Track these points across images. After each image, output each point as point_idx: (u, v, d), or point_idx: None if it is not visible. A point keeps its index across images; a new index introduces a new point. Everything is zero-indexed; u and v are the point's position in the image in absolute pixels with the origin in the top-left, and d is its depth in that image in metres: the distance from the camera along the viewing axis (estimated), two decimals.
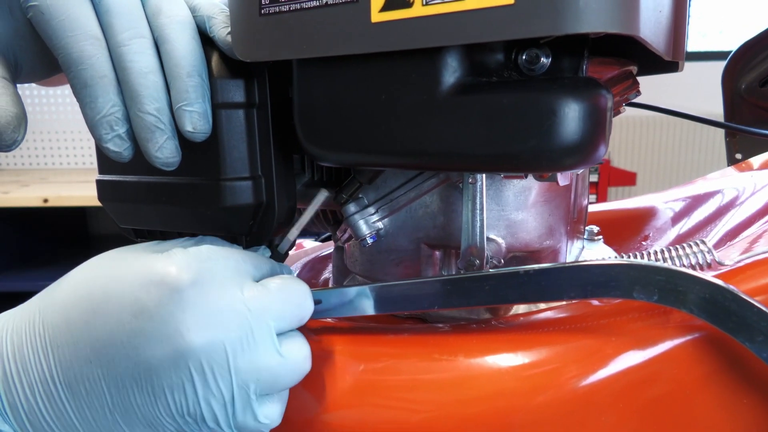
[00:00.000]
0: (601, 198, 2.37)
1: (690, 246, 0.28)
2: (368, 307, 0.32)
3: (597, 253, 0.51)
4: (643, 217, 0.58)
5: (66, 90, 2.39)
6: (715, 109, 0.64)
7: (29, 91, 2.38)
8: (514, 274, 0.28)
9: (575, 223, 0.47)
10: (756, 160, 0.55)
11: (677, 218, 0.55)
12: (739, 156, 0.61)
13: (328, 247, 0.63)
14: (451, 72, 0.27)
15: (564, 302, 0.33)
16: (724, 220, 0.48)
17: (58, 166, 2.53)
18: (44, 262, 2.17)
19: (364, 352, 0.34)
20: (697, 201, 0.54)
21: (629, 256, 0.52)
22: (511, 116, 0.25)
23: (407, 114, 0.28)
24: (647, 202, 0.59)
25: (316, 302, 0.35)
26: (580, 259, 0.49)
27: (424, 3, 0.25)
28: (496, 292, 0.29)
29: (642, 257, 0.29)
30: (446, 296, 0.30)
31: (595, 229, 0.54)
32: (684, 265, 0.28)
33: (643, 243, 0.56)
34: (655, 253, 0.29)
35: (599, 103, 0.26)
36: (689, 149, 2.65)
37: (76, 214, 2.46)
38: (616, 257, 0.31)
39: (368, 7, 0.26)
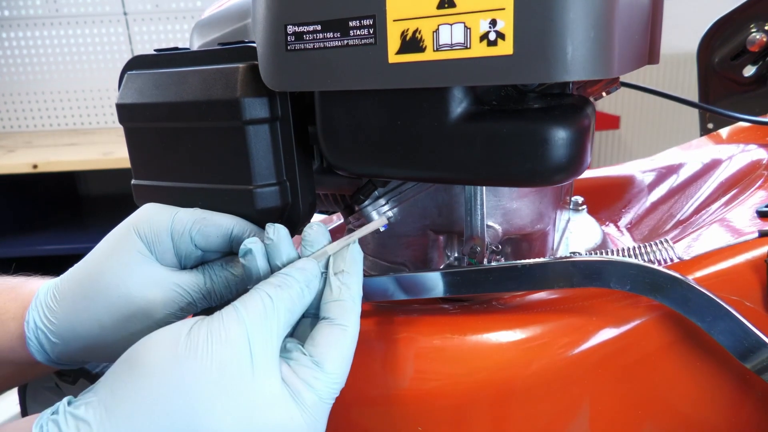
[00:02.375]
0: None
1: (657, 244, 0.34)
2: (391, 294, 0.37)
3: (581, 223, 0.57)
4: (623, 185, 0.64)
5: (41, 49, 2.33)
6: (692, 46, 0.66)
7: (9, 50, 2.32)
8: (513, 268, 0.34)
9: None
10: (724, 131, 0.60)
11: (652, 186, 0.61)
12: (710, 126, 0.66)
13: (336, 221, 0.68)
14: (457, 102, 0.31)
15: None
16: (691, 192, 0.54)
17: (40, 128, 2.50)
18: (38, 227, 2.19)
19: (382, 330, 0.39)
20: (669, 171, 0.60)
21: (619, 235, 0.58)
22: (510, 143, 0.30)
23: (420, 138, 0.32)
24: (626, 170, 0.65)
25: None
26: (566, 231, 0.54)
27: (435, 49, 0.29)
28: (498, 282, 0.34)
29: (618, 253, 0.35)
30: (457, 285, 0.35)
31: (580, 199, 0.60)
32: (652, 260, 0.33)
33: (623, 210, 0.62)
34: (629, 249, 0.35)
35: (583, 125, 0.31)
36: (671, 90, 2.67)
37: (65, 177, 2.46)
38: (594, 253, 0.37)
39: (386, 50, 0.30)
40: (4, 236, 2.06)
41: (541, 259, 0.34)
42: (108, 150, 1.98)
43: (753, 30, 0.59)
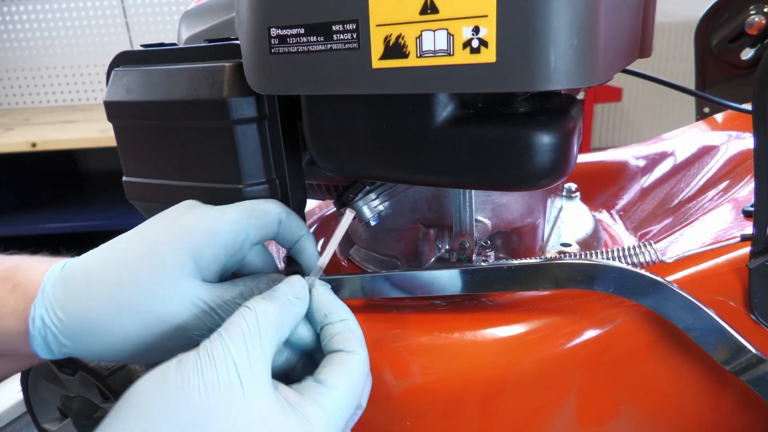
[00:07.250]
0: (588, 115, 2.40)
1: (640, 247, 0.34)
2: (384, 291, 0.38)
3: (573, 211, 0.57)
4: (617, 170, 0.64)
5: (43, 23, 2.30)
6: (694, 13, 0.65)
7: (3, 25, 2.29)
8: (499, 269, 0.34)
9: None
10: (719, 116, 0.60)
11: (645, 172, 0.61)
12: (706, 110, 0.65)
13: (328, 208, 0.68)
14: (442, 107, 0.31)
15: None
16: (685, 180, 0.54)
17: (37, 104, 2.49)
18: (38, 205, 2.19)
19: (378, 327, 0.40)
20: (662, 157, 0.60)
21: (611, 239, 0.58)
22: (495, 149, 0.30)
23: (405, 141, 0.32)
24: (620, 156, 0.64)
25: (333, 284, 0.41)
26: (557, 220, 0.55)
27: (419, 55, 0.29)
28: (485, 283, 0.35)
29: (603, 255, 0.35)
30: (444, 285, 0.36)
31: (573, 186, 0.60)
32: (635, 263, 0.34)
33: (616, 196, 0.62)
34: (614, 251, 0.35)
35: (568, 130, 0.31)
36: (674, 61, 2.64)
37: (65, 155, 2.46)
38: (580, 256, 0.37)
39: (369, 55, 0.30)
40: (4, 215, 2.06)
41: (528, 261, 0.34)
42: (106, 127, 1.97)
43: (752, 12, 0.58)
